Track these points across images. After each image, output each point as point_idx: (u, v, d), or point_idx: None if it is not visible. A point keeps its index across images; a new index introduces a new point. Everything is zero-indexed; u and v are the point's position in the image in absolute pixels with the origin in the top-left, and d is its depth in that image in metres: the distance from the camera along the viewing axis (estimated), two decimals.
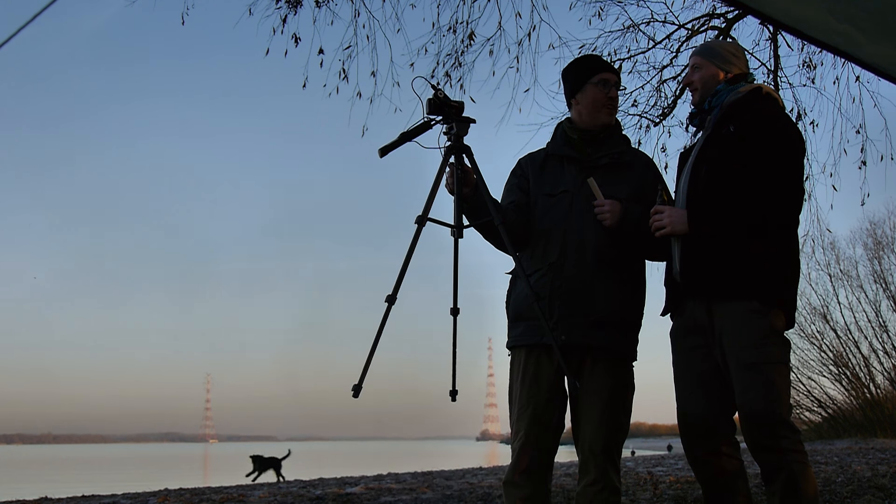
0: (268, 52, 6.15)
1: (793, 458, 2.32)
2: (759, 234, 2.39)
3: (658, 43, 7.06)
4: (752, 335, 2.37)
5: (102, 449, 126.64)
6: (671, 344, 2.62)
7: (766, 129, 2.45)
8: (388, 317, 2.46)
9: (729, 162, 2.46)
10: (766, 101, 2.54)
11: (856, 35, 3.07)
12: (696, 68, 2.65)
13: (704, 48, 2.71)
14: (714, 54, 2.65)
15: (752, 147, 2.44)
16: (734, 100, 2.55)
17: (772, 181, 2.40)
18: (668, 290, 2.64)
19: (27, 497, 7.43)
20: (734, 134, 2.48)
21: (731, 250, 2.41)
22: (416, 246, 2.52)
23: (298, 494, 6.63)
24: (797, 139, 2.47)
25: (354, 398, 2.40)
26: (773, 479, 2.35)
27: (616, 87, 2.73)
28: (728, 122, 2.53)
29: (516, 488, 2.60)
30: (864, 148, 6.77)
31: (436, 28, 6.54)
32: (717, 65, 2.62)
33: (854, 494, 5.41)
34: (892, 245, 18.99)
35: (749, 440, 2.38)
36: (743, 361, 2.37)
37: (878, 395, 18.54)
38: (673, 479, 7.16)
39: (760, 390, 2.34)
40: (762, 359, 2.35)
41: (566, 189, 2.69)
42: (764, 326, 2.37)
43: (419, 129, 2.61)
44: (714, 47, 2.71)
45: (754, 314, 2.37)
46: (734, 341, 2.39)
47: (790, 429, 2.34)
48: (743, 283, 2.39)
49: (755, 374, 2.35)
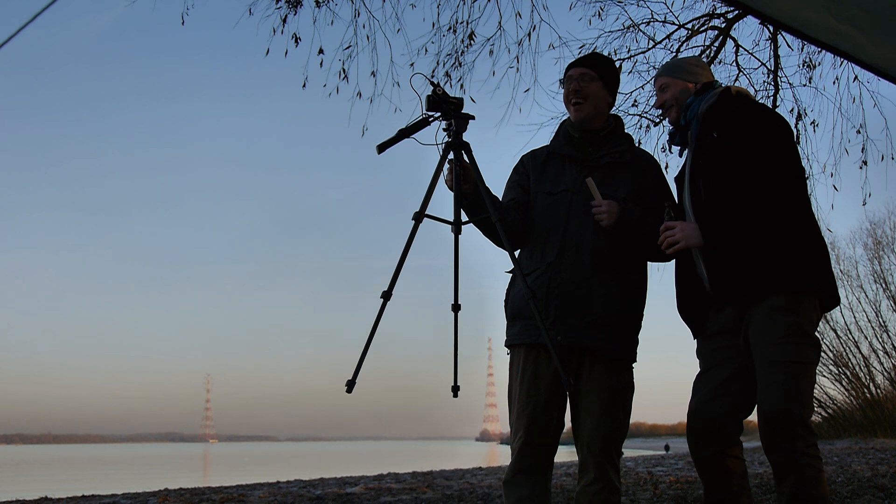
0: (268, 52, 6.17)
1: (806, 460, 2.30)
2: (770, 225, 2.37)
3: (658, 43, 7.08)
4: (776, 333, 2.35)
5: (102, 449, 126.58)
6: (697, 343, 2.62)
7: (748, 122, 2.46)
8: (383, 312, 2.46)
9: (722, 166, 2.45)
10: (739, 98, 2.56)
11: (856, 35, 3.08)
12: (665, 88, 2.65)
13: (667, 67, 2.71)
14: (679, 69, 2.67)
15: (739, 143, 2.44)
16: (708, 107, 2.57)
17: (768, 168, 2.39)
18: (688, 314, 2.62)
19: (27, 497, 7.43)
20: (718, 139, 2.49)
21: (752, 250, 2.39)
22: (412, 242, 2.52)
23: (298, 494, 6.63)
24: (779, 122, 2.47)
25: (348, 393, 2.40)
26: (783, 479, 2.33)
27: (580, 80, 2.69)
28: (709, 129, 2.53)
29: (516, 488, 2.60)
30: (864, 148, 6.79)
31: (436, 28, 6.55)
32: (685, 79, 2.64)
33: (854, 494, 5.41)
34: (893, 245, 19.02)
35: (764, 438, 2.35)
36: (766, 358, 2.35)
37: (878, 395, 18.55)
38: (673, 479, 7.16)
39: (780, 389, 2.32)
40: (784, 357, 2.33)
41: (566, 188, 2.68)
42: (789, 324, 2.34)
43: (418, 126, 2.60)
44: (677, 63, 2.72)
45: (780, 311, 2.35)
46: (758, 338, 2.38)
47: (807, 430, 2.32)
48: (766, 281, 2.37)
49: (776, 371, 2.33)
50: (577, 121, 2.72)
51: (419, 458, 38.31)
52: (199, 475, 23.55)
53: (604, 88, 2.71)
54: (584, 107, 2.69)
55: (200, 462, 43.40)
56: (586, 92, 2.68)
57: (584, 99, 2.68)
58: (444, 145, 2.60)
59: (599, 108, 2.71)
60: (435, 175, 2.58)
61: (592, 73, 2.70)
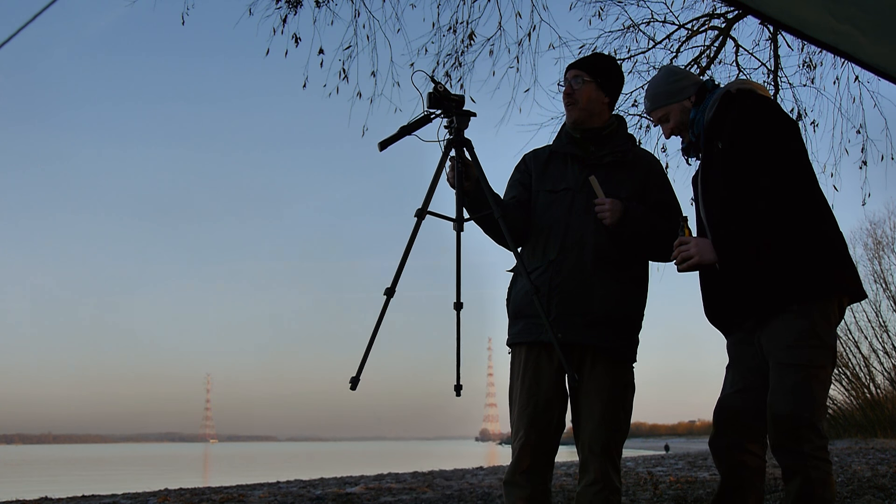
0: (268, 52, 6.17)
1: (813, 463, 2.27)
2: (783, 230, 2.33)
3: (658, 43, 7.08)
4: (788, 336, 2.33)
5: (102, 449, 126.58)
6: (727, 338, 2.59)
7: (745, 129, 2.42)
8: (386, 310, 2.46)
9: (726, 182, 2.43)
10: (739, 100, 2.48)
11: (856, 35, 3.08)
12: (666, 118, 2.61)
13: (657, 97, 2.62)
14: (669, 95, 2.60)
15: (740, 155, 2.40)
16: (710, 118, 2.52)
17: (773, 166, 2.36)
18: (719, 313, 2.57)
19: (27, 497, 7.43)
20: (722, 150, 2.46)
21: (767, 263, 2.35)
22: (415, 239, 2.52)
23: (298, 494, 6.63)
24: (780, 119, 2.42)
25: (352, 390, 2.40)
26: (790, 481, 2.32)
27: (572, 82, 2.70)
28: (714, 140, 2.50)
29: (517, 488, 2.60)
30: (864, 148, 6.79)
31: (436, 28, 6.56)
32: (678, 100, 2.58)
33: (854, 494, 5.41)
34: (893, 245, 19.00)
35: (772, 440, 2.34)
36: (777, 361, 2.34)
37: (878, 395, 18.53)
38: (673, 479, 7.16)
39: (788, 392, 2.30)
40: (795, 360, 2.31)
41: (568, 186, 2.68)
42: (802, 328, 2.32)
43: (419, 123, 2.60)
44: (663, 91, 2.62)
45: (793, 315, 2.33)
46: (771, 341, 2.37)
47: (817, 434, 2.29)
48: (787, 291, 2.33)
49: (786, 375, 2.32)
50: (570, 122, 2.74)
51: (419, 458, 38.30)
52: (199, 475, 23.55)
53: (598, 90, 2.70)
54: (574, 109, 2.71)
55: (200, 462, 43.40)
56: (577, 95, 2.69)
57: (575, 102, 2.70)
58: (446, 142, 2.61)
59: (592, 109, 2.70)
60: (437, 172, 2.58)
61: (585, 75, 2.70)
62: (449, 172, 2.61)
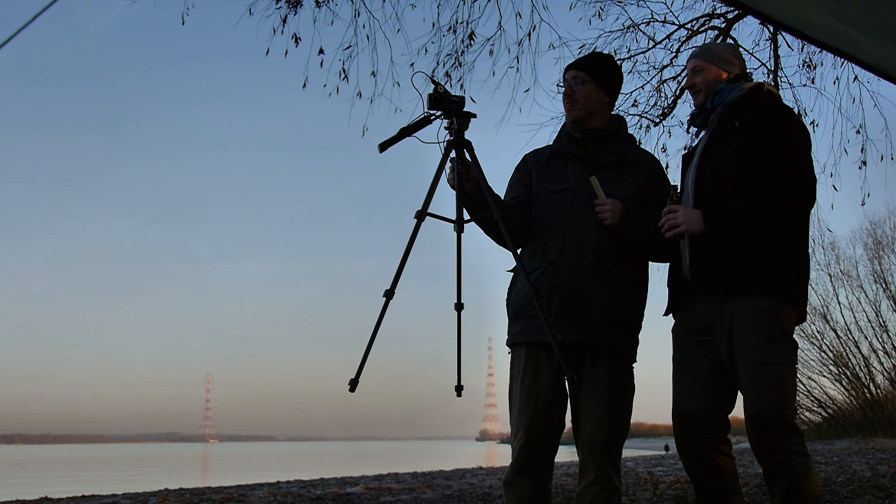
0: (268, 52, 6.17)
1: (796, 459, 2.33)
2: (773, 227, 2.39)
3: (658, 43, 7.08)
4: (762, 335, 2.37)
5: (102, 449, 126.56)
6: (673, 340, 2.63)
7: (773, 121, 2.48)
8: (385, 311, 2.46)
9: (737, 156, 2.48)
10: (770, 97, 2.58)
11: (856, 35, 3.08)
12: (698, 71, 2.66)
13: (705, 51, 2.72)
14: (715, 56, 2.67)
15: (760, 140, 2.46)
16: (738, 96, 2.58)
17: (784, 172, 2.41)
18: (673, 289, 2.64)
19: (27, 497, 7.42)
20: (740, 128, 2.51)
21: (743, 246, 2.41)
22: (415, 241, 2.52)
23: (298, 494, 6.62)
24: (804, 131, 2.50)
25: (351, 392, 2.40)
26: (775, 480, 2.36)
27: (571, 82, 2.71)
28: (733, 117, 2.55)
29: (516, 488, 2.60)
30: (864, 148, 6.79)
31: (436, 28, 6.56)
32: (719, 66, 2.65)
33: (854, 494, 5.41)
34: (893, 245, 19.00)
35: (753, 440, 2.38)
36: (752, 361, 2.37)
37: (878, 395, 18.53)
38: (673, 479, 7.16)
39: (768, 391, 2.34)
40: (771, 359, 2.35)
41: (568, 187, 2.69)
42: (774, 327, 2.38)
43: (419, 124, 2.61)
44: (714, 49, 2.73)
45: (766, 314, 2.38)
46: (744, 340, 2.39)
47: (794, 431, 2.35)
48: (755, 279, 2.40)
49: (763, 374, 2.35)
50: (569, 122, 2.75)
51: (419, 458, 38.29)
52: (199, 475, 23.56)
53: (598, 89, 2.71)
54: (573, 109, 2.72)
55: (200, 462, 43.41)
56: (576, 95, 2.70)
57: (574, 102, 2.71)
58: (446, 144, 2.61)
59: (591, 109, 2.71)
60: (437, 173, 2.58)
61: (584, 75, 2.71)
62: (449, 174, 2.62)
